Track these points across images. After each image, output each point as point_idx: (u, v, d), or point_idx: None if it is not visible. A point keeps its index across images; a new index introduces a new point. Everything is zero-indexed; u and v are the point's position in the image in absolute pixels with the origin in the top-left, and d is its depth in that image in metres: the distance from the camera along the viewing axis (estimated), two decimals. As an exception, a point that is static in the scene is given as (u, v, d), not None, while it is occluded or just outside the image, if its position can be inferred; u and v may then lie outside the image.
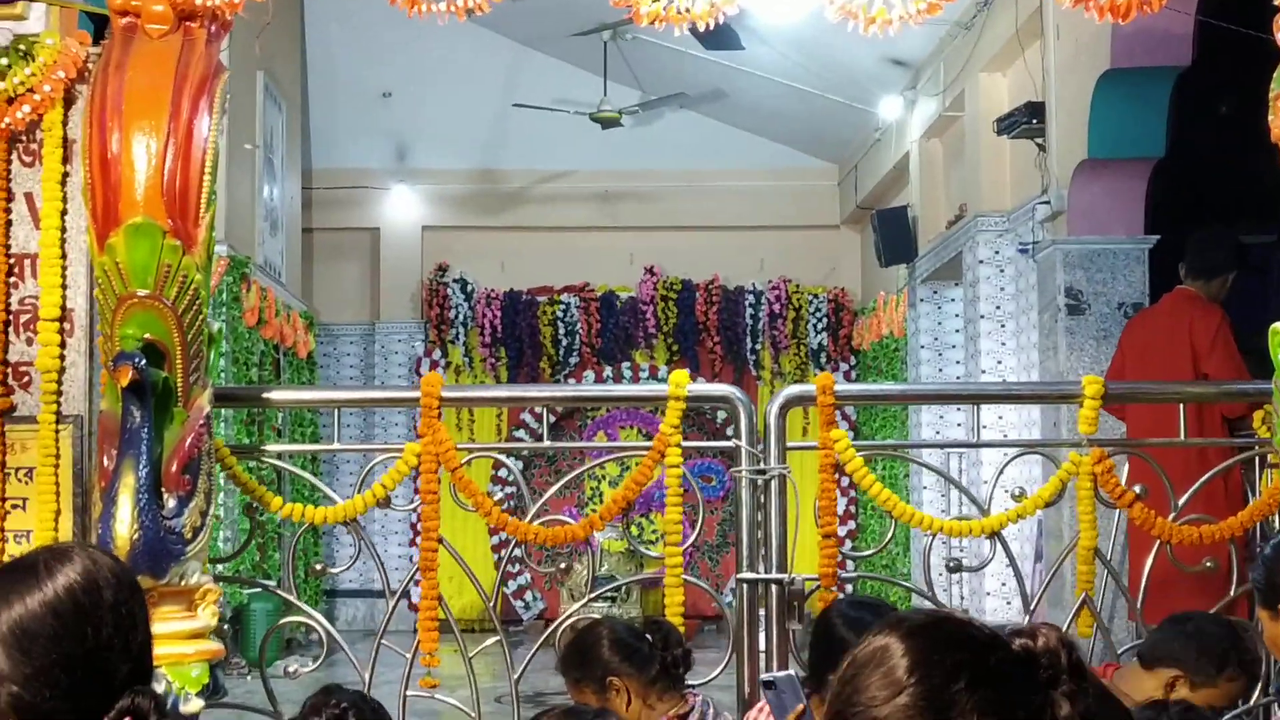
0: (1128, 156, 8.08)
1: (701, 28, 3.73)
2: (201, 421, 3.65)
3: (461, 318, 15.04)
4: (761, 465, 4.07)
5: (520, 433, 14.48)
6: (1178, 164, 8.25)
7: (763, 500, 4.06)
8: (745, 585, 4.08)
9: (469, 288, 15.09)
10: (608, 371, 15.01)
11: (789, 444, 4.16)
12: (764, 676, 3.36)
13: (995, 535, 4.17)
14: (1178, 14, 7.32)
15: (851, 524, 14.17)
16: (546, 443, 4.40)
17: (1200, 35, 7.66)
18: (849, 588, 6.21)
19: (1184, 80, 7.86)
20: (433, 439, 4.11)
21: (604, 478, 14.42)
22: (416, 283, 15.29)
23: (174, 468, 3.57)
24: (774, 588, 4.07)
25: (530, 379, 14.87)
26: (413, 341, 15.15)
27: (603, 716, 2.77)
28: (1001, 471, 4.30)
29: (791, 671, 3.27)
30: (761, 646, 4.07)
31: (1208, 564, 4.30)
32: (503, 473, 13.93)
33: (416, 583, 4.20)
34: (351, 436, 14.38)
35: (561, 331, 15.04)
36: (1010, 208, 9.82)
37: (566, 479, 4.47)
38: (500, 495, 4.20)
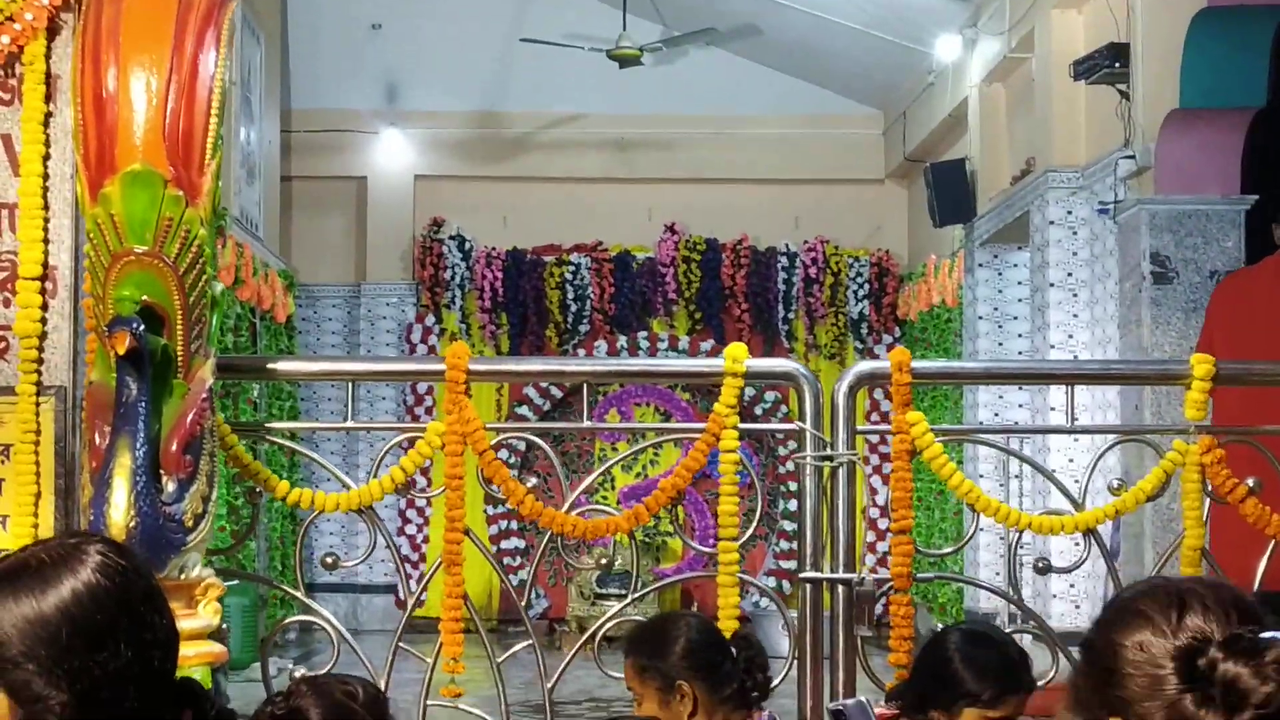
0: (1224, 106, 8.06)
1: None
2: (204, 395, 3.65)
3: (458, 279, 15.02)
4: (828, 450, 4.08)
5: (523, 409, 14.48)
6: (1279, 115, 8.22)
7: (828, 490, 4.07)
8: (809, 585, 4.09)
9: (467, 245, 15.07)
10: (621, 341, 14.98)
11: (858, 428, 4.18)
12: (831, 706, 3.35)
13: (1090, 533, 4.17)
14: (1284, -54, 7.29)
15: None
16: (587, 423, 4.41)
17: (1309, -30, 7.63)
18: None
19: (1289, 20, 7.83)
20: (459, 418, 4.12)
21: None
22: (408, 239, 15.26)
23: (174, 447, 3.57)
24: (840, 589, 4.08)
25: (534, 349, 14.84)
26: (403, 305, 15.14)
27: None
28: (1097, 461, 4.31)
29: (862, 699, 3.28)
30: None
31: (1326, 567, 4.30)
32: (502, 454, 13.97)
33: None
34: (333, 412, 14.38)
35: (570, 296, 15.01)
36: (1086, 162, 9.79)
37: (610, 464, 4.48)
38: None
